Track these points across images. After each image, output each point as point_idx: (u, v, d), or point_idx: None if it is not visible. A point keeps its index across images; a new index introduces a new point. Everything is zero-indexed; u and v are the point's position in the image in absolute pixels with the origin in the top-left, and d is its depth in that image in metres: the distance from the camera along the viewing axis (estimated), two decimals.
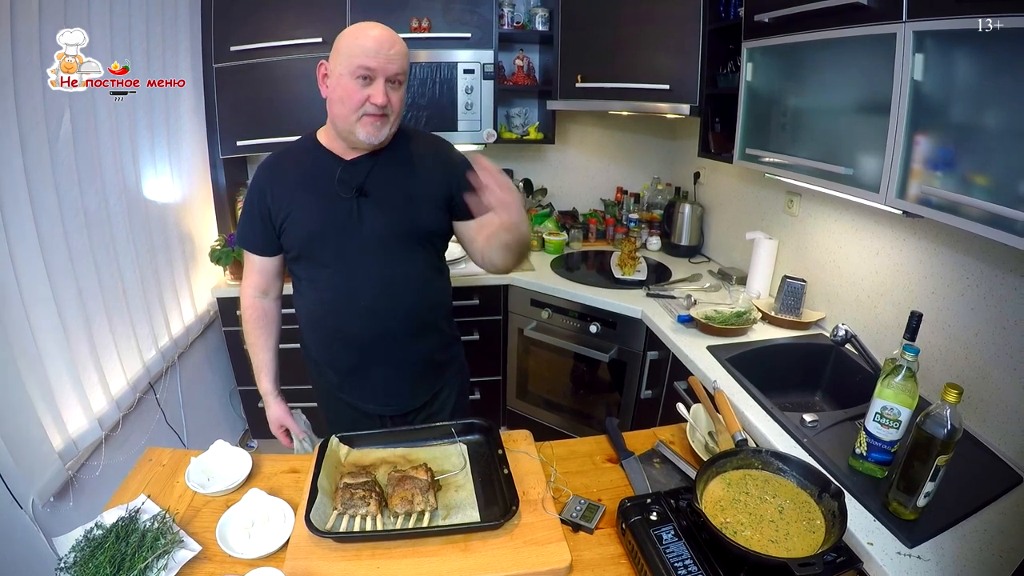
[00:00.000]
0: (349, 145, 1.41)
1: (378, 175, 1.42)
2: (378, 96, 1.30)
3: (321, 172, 1.43)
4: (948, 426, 1.08)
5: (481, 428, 1.41)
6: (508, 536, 1.15)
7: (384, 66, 1.30)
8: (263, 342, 1.61)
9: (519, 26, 2.89)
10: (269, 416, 1.65)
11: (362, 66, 1.28)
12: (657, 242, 3.13)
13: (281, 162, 1.49)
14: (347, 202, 1.41)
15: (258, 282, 1.57)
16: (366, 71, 1.29)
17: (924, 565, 1.09)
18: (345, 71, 1.30)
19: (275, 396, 1.63)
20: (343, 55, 1.31)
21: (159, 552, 1.08)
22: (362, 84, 1.30)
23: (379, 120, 1.34)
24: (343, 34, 1.34)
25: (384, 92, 1.31)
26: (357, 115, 1.32)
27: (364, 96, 1.30)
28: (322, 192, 1.42)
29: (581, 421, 2.82)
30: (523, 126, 3.15)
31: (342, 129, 1.37)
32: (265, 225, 1.46)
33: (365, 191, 1.41)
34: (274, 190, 1.45)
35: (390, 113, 1.35)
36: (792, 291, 2.11)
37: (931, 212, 1.30)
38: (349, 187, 1.40)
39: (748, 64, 1.96)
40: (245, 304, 1.60)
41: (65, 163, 1.78)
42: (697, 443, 1.42)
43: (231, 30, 2.55)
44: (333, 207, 1.41)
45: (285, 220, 1.44)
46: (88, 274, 1.88)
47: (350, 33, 1.33)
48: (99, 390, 1.91)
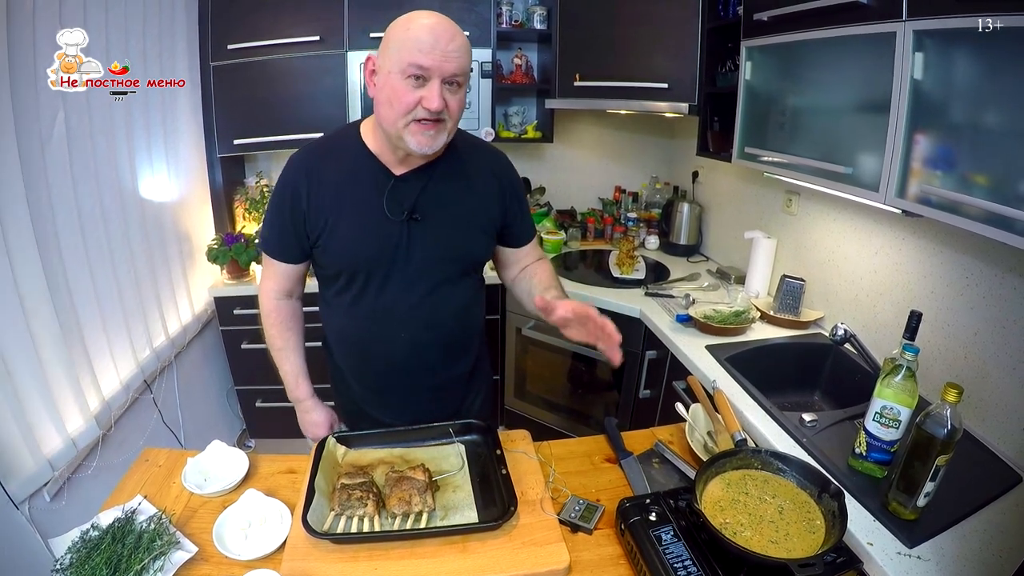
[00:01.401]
0: (398, 153, 1.25)
1: (430, 195, 1.28)
2: (433, 100, 1.12)
3: (367, 184, 1.27)
4: (948, 426, 1.07)
5: (479, 428, 1.40)
6: (507, 537, 1.14)
7: (440, 64, 1.11)
8: (293, 345, 1.47)
9: (517, 24, 2.89)
10: (310, 420, 1.52)
11: (414, 63, 1.11)
12: (655, 241, 3.13)
13: (320, 160, 1.30)
14: (396, 226, 1.27)
15: (282, 286, 1.42)
16: (419, 70, 1.11)
17: (924, 565, 1.09)
18: (395, 68, 1.12)
19: (316, 400, 1.52)
20: (393, 49, 1.13)
21: (156, 553, 1.08)
22: (414, 84, 1.12)
23: (433, 128, 1.16)
24: (394, 24, 1.16)
25: (440, 95, 1.12)
26: (406, 120, 1.15)
27: (416, 99, 1.13)
28: (368, 209, 1.26)
29: (579, 421, 2.81)
30: (521, 125, 3.15)
31: (390, 134, 1.20)
32: (298, 233, 1.30)
33: (416, 214, 1.27)
34: (311, 194, 1.27)
35: (447, 119, 1.18)
36: (791, 290, 2.11)
37: (931, 211, 1.30)
38: (400, 209, 1.25)
39: (747, 63, 1.96)
40: (267, 308, 1.44)
41: (59, 162, 1.77)
42: (696, 443, 1.42)
43: (228, 29, 2.55)
44: (381, 230, 1.26)
45: (323, 234, 1.28)
46: (83, 274, 1.87)
47: (401, 23, 1.14)
48: (94, 391, 1.91)
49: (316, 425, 1.52)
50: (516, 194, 1.41)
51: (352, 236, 1.28)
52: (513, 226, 1.42)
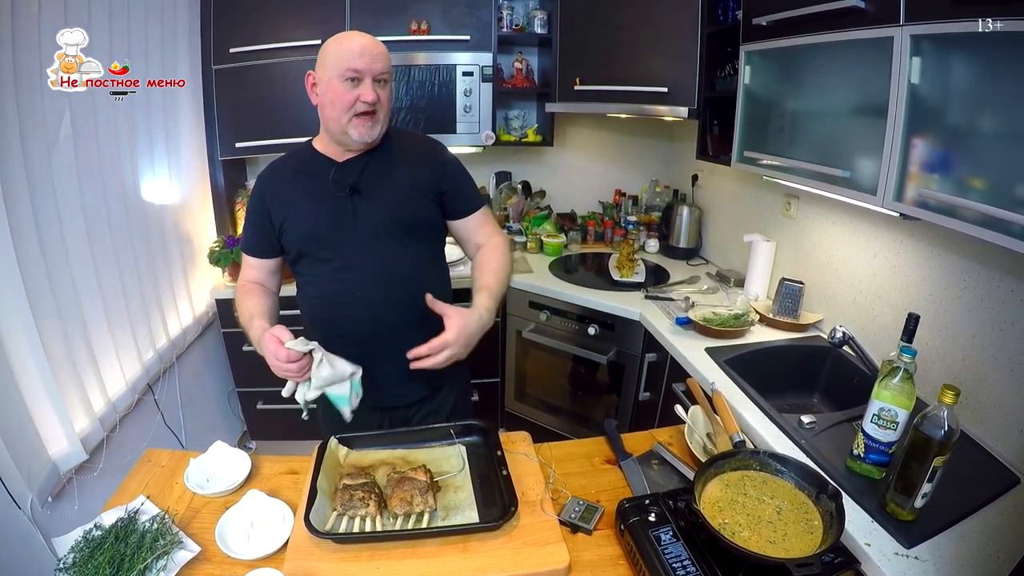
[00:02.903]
0: (343, 148, 1.47)
1: (370, 173, 1.48)
2: (368, 94, 1.36)
3: (316, 175, 1.48)
4: (945, 427, 1.08)
5: (480, 430, 1.41)
6: (507, 537, 1.15)
7: (370, 66, 1.36)
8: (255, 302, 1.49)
9: (518, 29, 2.90)
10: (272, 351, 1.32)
11: (350, 68, 1.35)
12: (655, 244, 3.13)
13: (279, 169, 1.54)
14: (342, 200, 1.46)
15: (255, 276, 1.59)
16: (354, 72, 1.35)
17: (922, 566, 1.10)
18: (334, 75, 1.36)
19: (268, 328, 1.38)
20: (330, 61, 1.37)
21: (158, 553, 1.08)
22: (351, 86, 1.36)
23: (370, 119, 1.39)
24: (327, 44, 1.40)
25: (373, 90, 1.37)
26: (348, 115, 1.38)
27: (354, 96, 1.36)
28: (318, 193, 1.47)
29: (579, 423, 2.82)
30: (521, 128, 3.16)
31: (335, 132, 1.43)
32: (266, 229, 1.51)
33: (358, 189, 1.46)
34: (273, 195, 1.50)
35: (379, 110, 1.40)
36: (790, 293, 2.12)
37: (928, 215, 1.31)
38: (343, 186, 1.45)
39: (746, 67, 1.97)
40: (238, 288, 1.55)
41: (65, 164, 1.78)
42: (695, 444, 1.43)
43: (230, 32, 2.56)
44: (328, 206, 1.46)
45: (284, 222, 1.49)
46: (87, 275, 1.88)
47: (334, 41, 1.40)
48: (97, 391, 1.91)
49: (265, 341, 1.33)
50: (450, 169, 1.56)
51: (306, 215, 1.48)
52: (452, 195, 1.55)
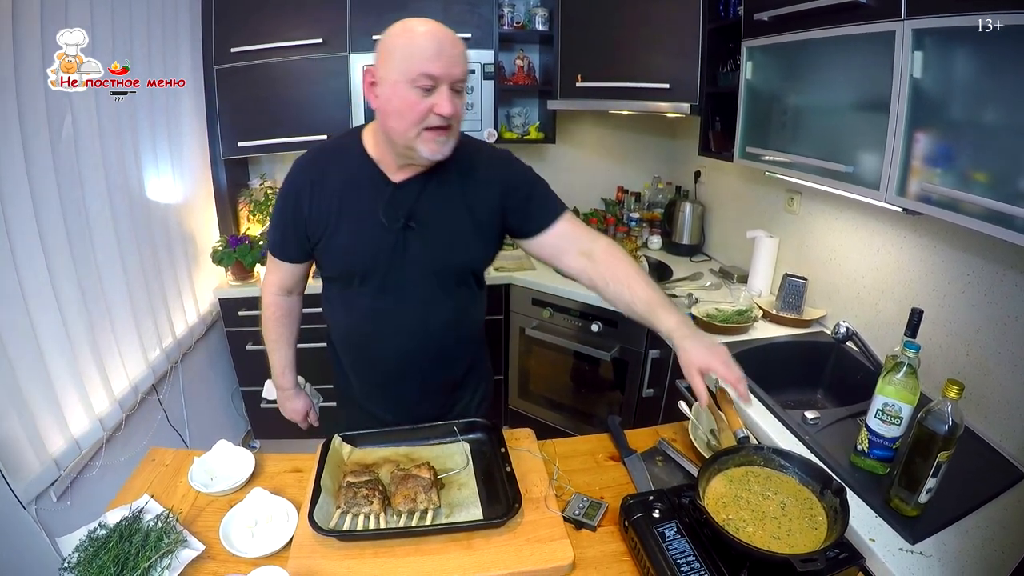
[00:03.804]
0: (403, 161, 1.25)
1: (428, 201, 1.28)
2: (445, 106, 1.13)
3: (366, 191, 1.28)
4: (949, 422, 1.08)
5: (483, 427, 1.41)
6: (511, 534, 1.15)
7: (448, 70, 1.12)
8: (286, 339, 1.56)
9: (519, 26, 2.90)
10: (291, 408, 1.67)
11: (424, 73, 1.10)
12: (658, 241, 3.13)
13: (323, 166, 1.32)
14: (393, 234, 1.28)
15: (283, 281, 1.48)
16: (428, 79, 1.11)
17: (926, 561, 1.10)
18: (402, 78, 1.12)
19: (297, 389, 1.66)
20: (397, 60, 1.12)
21: (163, 551, 1.08)
22: (423, 94, 1.12)
23: (444, 133, 1.17)
24: (393, 34, 1.15)
25: (450, 100, 1.14)
26: (418, 129, 1.15)
27: (427, 107, 1.13)
28: (366, 216, 1.28)
29: (583, 420, 2.82)
30: (523, 126, 3.16)
31: (399, 145, 1.20)
32: (299, 235, 1.34)
33: (412, 220, 1.28)
34: (313, 200, 1.30)
35: (454, 124, 1.19)
36: (793, 289, 2.11)
37: (931, 209, 1.31)
38: (396, 217, 1.27)
39: (748, 63, 1.97)
40: (267, 301, 1.51)
41: (67, 164, 1.78)
42: (699, 441, 1.42)
43: (231, 31, 2.56)
44: (377, 237, 1.28)
45: (322, 238, 1.32)
46: (90, 274, 1.89)
47: (401, 33, 1.14)
48: (101, 391, 1.92)
49: (296, 412, 1.67)
50: (521, 183, 1.36)
51: (349, 242, 1.31)
52: (525, 214, 1.36)
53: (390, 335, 1.39)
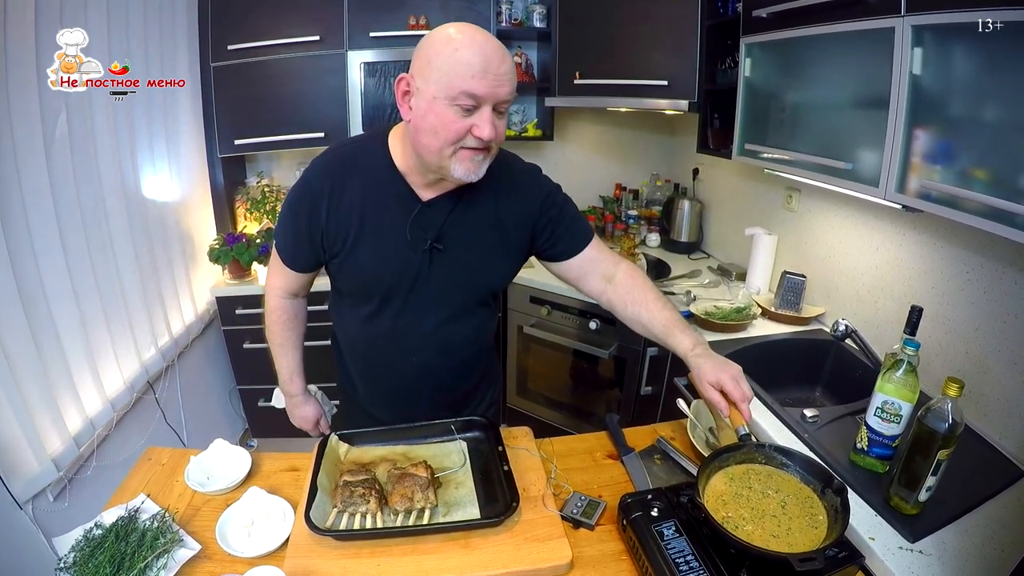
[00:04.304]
0: (429, 176, 1.18)
1: (456, 222, 1.22)
2: (485, 128, 1.04)
3: (392, 208, 1.20)
4: (949, 420, 1.07)
5: (481, 425, 1.40)
6: (509, 533, 1.14)
7: (493, 90, 1.03)
8: (292, 343, 1.49)
9: (517, 23, 2.89)
10: (299, 414, 1.59)
11: (466, 91, 1.01)
12: (656, 238, 3.12)
13: (345, 173, 1.21)
14: (418, 254, 1.21)
15: (288, 286, 1.40)
16: (471, 99, 1.02)
17: (926, 560, 1.09)
18: (441, 94, 1.02)
19: (306, 395, 1.58)
20: (439, 72, 1.02)
21: (159, 551, 1.08)
22: (462, 113, 1.04)
23: (482, 154, 1.10)
24: (436, 41, 1.05)
25: (492, 123, 1.05)
26: (453, 149, 1.07)
27: (466, 127, 1.04)
28: (391, 235, 1.20)
29: (581, 418, 2.82)
30: (521, 123, 3.15)
31: (430, 162, 1.11)
32: (314, 245, 1.25)
33: (440, 242, 1.21)
34: (332, 209, 1.20)
35: (493, 146, 1.11)
36: (792, 286, 2.11)
37: (931, 206, 1.30)
38: (424, 237, 1.20)
39: (746, 60, 1.96)
40: (271, 305, 1.44)
41: (61, 163, 1.77)
42: (698, 439, 1.42)
43: (228, 29, 2.55)
44: (400, 257, 1.22)
45: (341, 251, 1.23)
46: (85, 274, 1.88)
47: (446, 42, 1.03)
48: (98, 390, 1.91)
49: (306, 419, 1.60)
50: (553, 207, 1.31)
51: (371, 260, 1.23)
52: (554, 238, 1.32)
53: (407, 352, 1.35)
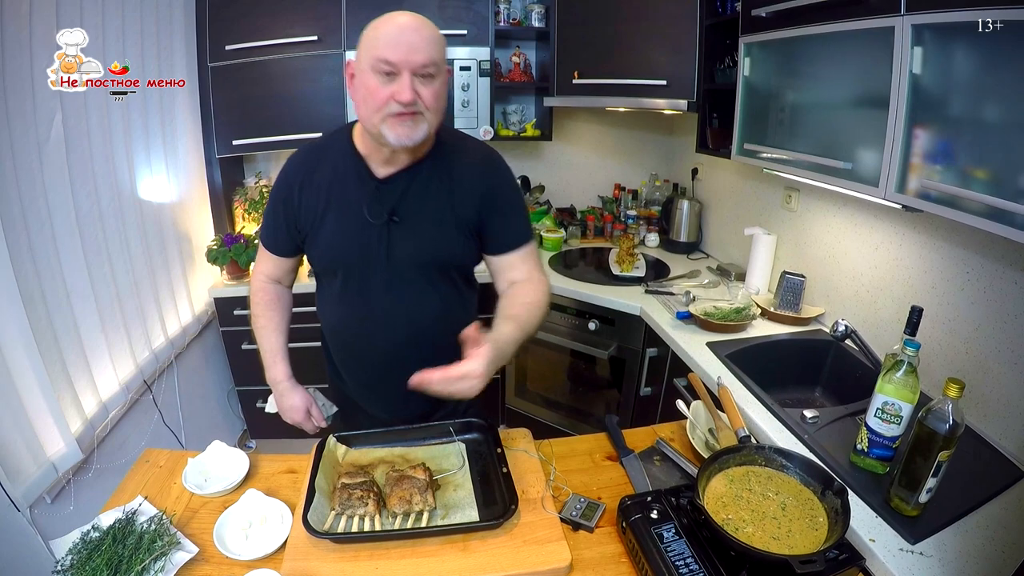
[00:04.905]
0: (384, 152, 1.26)
1: (413, 195, 1.29)
2: (404, 92, 1.13)
3: (353, 186, 1.30)
4: (950, 421, 1.07)
5: (479, 427, 1.40)
6: (507, 535, 1.14)
7: (407, 57, 1.12)
8: (275, 325, 1.51)
9: (515, 23, 2.88)
10: (287, 404, 1.51)
11: (382, 58, 1.12)
12: (655, 239, 3.12)
13: (314, 161, 1.34)
14: (377, 227, 1.29)
15: (271, 272, 1.50)
16: (387, 64, 1.12)
17: (927, 561, 1.09)
18: (366, 66, 1.15)
19: (293, 382, 1.51)
20: (363, 48, 1.16)
21: (156, 554, 1.07)
22: (385, 80, 1.14)
23: (410, 118, 1.16)
24: (367, 26, 1.18)
25: (411, 86, 1.13)
26: (382, 115, 1.16)
27: (388, 93, 1.14)
28: (351, 211, 1.30)
29: (580, 419, 2.81)
30: (520, 123, 3.14)
31: (371, 133, 1.21)
32: (289, 228, 1.37)
33: (397, 216, 1.29)
34: (303, 193, 1.33)
35: (423, 111, 1.17)
36: (791, 287, 2.11)
37: (931, 206, 1.30)
38: (380, 212, 1.28)
39: (746, 59, 1.96)
40: (255, 287, 1.51)
41: (57, 164, 1.76)
42: (697, 440, 1.41)
43: (226, 29, 2.54)
44: (361, 231, 1.30)
45: (311, 232, 1.35)
46: (80, 275, 1.87)
47: (372, 23, 1.17)
48: (95, 392, 1.90)
49: (293, 409, 1.51)
50: (500, 197, 1.35)
51: (335, 236, 1.33)
52: (491, 230, 1.36)
53: (376, 330, 1.39)
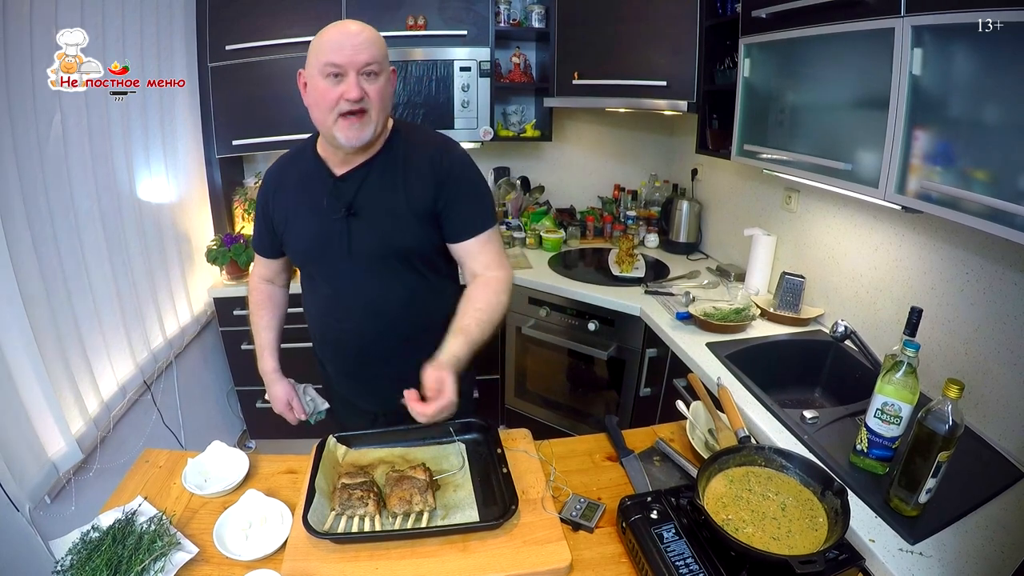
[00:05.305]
0: (339, 154, 1.35)
1: (369, 189, 1.36)
2: (352, 90, 1.21)
3: (315, 186, 1.39)
4: (949, 422, 1.07)
5: (479, 427, 1.40)
6: (507, 536, 1.14)
7: (352, 58, 1.21)
8: (266, 321, 1.62)
9: (515, 23, 2.88)
10: (273, 395, 1.62)
11: (329, 63, 1.21)
12: (655, 239, 3.12)
13: (284, 172, 1.47)
14: (337, 221, 1.36)
15: (263, 272, 1.63)
16: (334, 67, 1.21)
17: (926, 562, 1.09)
18: (315, 72, 1.23)
19: (278, 374, 1.61)
20: (311, 56, 1.25)
21: (156, 554, 1.07)
22: (333, 82, 1.23)
23: (358, 119, 1.25)
24: (313, 38, 1.27)
25: (357, 85, 1.22)
26: (333, 116, 1.24)
27: (337, 94, 1.22)
28: (315, 208, 1.38)
29: (580, 419, 2.81)
30: (520, 124, 3.14)
31: (325, 135, 1.31)
32: (269, 231, 1.50)
33: (355, 209, 1.36)
34: (276, 202, 1.46)
35: (370, 108, 1.25)
36: (791, 287, 2.11)
37: (930, 207, 1.30)
38: (338, 207, 1.36)
39: (745, 60, 1.96)
40: (250, 287, 1.66)
41: (56, 164, 1.76)
42: (697, 440, 1.41)
43: (226, 29, 2.54)
44: (324, 226, 1.38)
45: (283, 233, 1.47)
46: (80, 275, 1.87)
47: (317, 34, 1.26)
48: (95, 392, 1.90)
49: (275, 399, 1.62)
50: (454, 184, 1.37)
51: (301, 233, 1.44)
52: (448, 217, 1.38)
53: (346, 321, 1.47)
